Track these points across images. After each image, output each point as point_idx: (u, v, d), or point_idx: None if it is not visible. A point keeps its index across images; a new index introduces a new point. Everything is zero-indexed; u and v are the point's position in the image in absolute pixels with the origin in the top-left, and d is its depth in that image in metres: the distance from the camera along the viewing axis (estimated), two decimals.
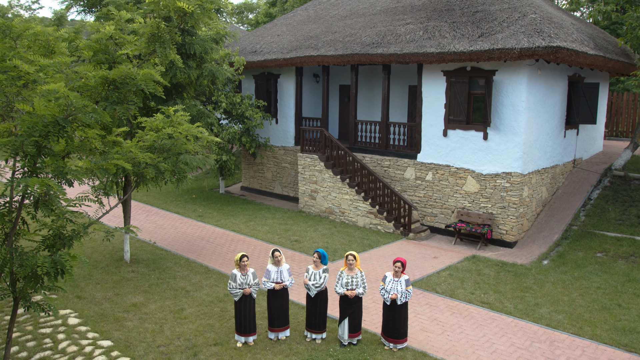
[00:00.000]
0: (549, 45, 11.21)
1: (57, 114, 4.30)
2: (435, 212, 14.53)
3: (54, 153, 4.51)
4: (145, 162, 5.83)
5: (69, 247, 4.95)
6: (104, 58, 6.96)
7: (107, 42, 6.89)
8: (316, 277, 7.87)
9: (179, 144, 6.31)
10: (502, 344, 7.97)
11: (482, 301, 9.65)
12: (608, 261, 11.53)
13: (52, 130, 4.27)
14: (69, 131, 4.52)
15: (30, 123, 4.25)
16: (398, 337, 7.67)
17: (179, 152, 6.53)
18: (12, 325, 5.78)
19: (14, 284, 5.20)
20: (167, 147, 6.21)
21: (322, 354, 7.62)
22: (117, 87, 5.21)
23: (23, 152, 4.33)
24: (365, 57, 14.55)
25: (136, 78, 5.32)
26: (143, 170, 5.96)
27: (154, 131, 6.16)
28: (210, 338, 8.15)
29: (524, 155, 12.80)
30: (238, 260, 7.76)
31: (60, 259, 4.63)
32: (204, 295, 9.92)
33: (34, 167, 4.59)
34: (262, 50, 18.09)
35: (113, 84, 5.22)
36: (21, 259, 4.56)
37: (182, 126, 6.19)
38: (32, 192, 3.97)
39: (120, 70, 5.22)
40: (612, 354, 7.68)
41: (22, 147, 4.23)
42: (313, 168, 16.19)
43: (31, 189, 3.92)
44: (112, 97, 5.17)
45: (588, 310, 9.24)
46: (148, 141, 6.00)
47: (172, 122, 6.18)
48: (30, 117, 4.26)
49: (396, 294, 7.54)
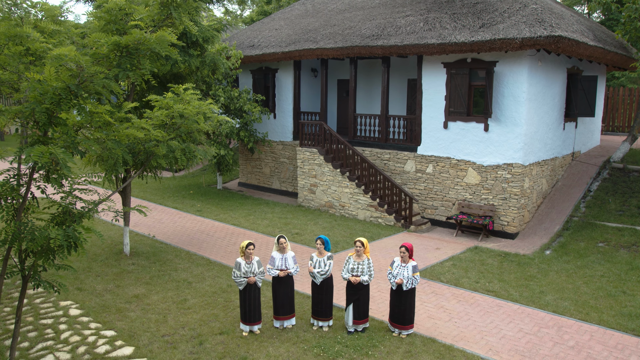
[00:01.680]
0: (551, 35, 11.21)
1: (68, 81, 4.18)
2: (436, 205, 14.49)
3: (65, 123, 4.39)
4: (156, 139, 5.70)
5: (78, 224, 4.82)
6: (114, 28, 6.75)
7: (118, 12, 6.68)
8: (321, 264, 7.78)
9: (190, 123, 6.19)
10: (510, 330, 7.92)
11: (487, 289, 9.61)
12: (610, 251, 11.54)
13: (64, 97, 4.15)
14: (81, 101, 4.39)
15: (41, 90, 4.11)
16: (404, 322, 7.59)
17: (190, 131, 6.41)
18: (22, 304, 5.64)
19: (23, 262, 5.06)
20: (177, 125, 6.08)
21: (330, 341, 7.53)
22: (130, 53, 5.08)
23: (34, 121, 4.20)
24: (365, 49, 14.50)
25: (150, 41, 5.18)
26: (154, 148, 5.83)
27: (164, 109, 6.04)
28: (216, 327, 8.03)
29: (525, 147, 12.79)
30: (244, 247, 7.65)
31: (74, 231, 4.50)
32: (207, 287, 9.80)
33: (44, 136, 4.46)
34: (260, 44, 17.99)
35: (126, 49, 5.10)
36: (32, 233, 4.42)
37: (193, 103, 6.06)
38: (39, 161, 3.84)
39: (133, 36, 5.09)
40: (621, 338, 7.66)
41: (32, 115, 4.10)
42: (312, 162, 16.11)
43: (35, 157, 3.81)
44: (124, 63, 5.05)
45: (593, 297, 9.23)
46: (158, 119, 5.88)
47: (183, 100, 6.05)
48: (40, 85, 4.13)
49: (402, 279, 7.48)
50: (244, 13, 46.61)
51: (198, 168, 24.11)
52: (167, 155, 6.19)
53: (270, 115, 18.78)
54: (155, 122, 5.83)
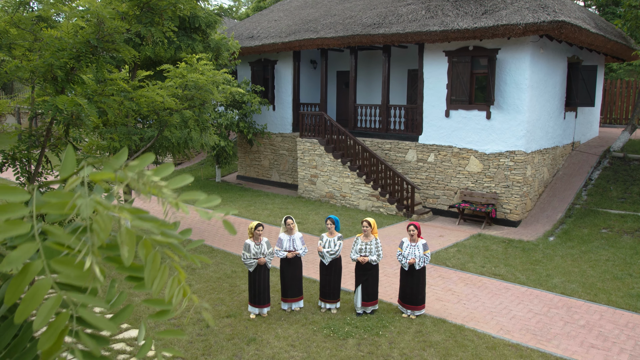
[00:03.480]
0: (554, 20, 11.20)
1: (88, 36, 4.05)
2: (438, 194, 14.45)
3: (83, 81, 4.26)
4: (170, 108, 5.58)
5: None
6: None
7: None
8: (331, 244, 7.69)
9: (204, 92, 6.07)
10: (520, 311, 7.88)
11: (493, 273, 9.57)
12: (614, 236, 11.54)
13: (83, 52, 4.02)
14: (101, 59, 4.26)
15: (59, 46, 3.99)
16: (416, 303, 7.52)
17: (204, 101, 6.28)
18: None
19: None
20: (190, 95, 5.96)
21: (339, 322, 7.45)
22: (150, 9, 4.94)
23: (52, 77, 4.06)
24: (367, 38, 14.43)
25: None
26: (167, 117, 5.71)
27: (178, 78, 5.91)
28: (222, 311, 7.92)
29: (527, 134, 12.77)
30: (253, 228, 7.54)
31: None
32: (211, 273, 9.68)
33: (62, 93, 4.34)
34: (259, 36, 17.87)
35: (147, 4, 4.96)
36: None
37: (207, 73, 5.93)
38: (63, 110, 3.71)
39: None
40: (631, 318, 7.63)
41: (50, 71, 3.97)
42: (313, 152, 16.02)
43: (60, 105, 3.67)
44: (145, 19, 4.91)
45: (600, 280, 9.21)
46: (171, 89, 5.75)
47: (196, 70, 5.93)
48: (59, 41, 4.01)
49: (414, 258, 7.40)
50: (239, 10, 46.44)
51: (196, 162, 23.96)
52: (180, 126, 6.07)
53: (269, 107, 18.67)
54: (168, 93, 5.71)
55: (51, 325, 0.95)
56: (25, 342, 1.19)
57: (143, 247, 1.05)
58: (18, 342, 1.17)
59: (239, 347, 6.75)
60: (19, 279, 0.94)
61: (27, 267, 0.95)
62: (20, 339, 1.18)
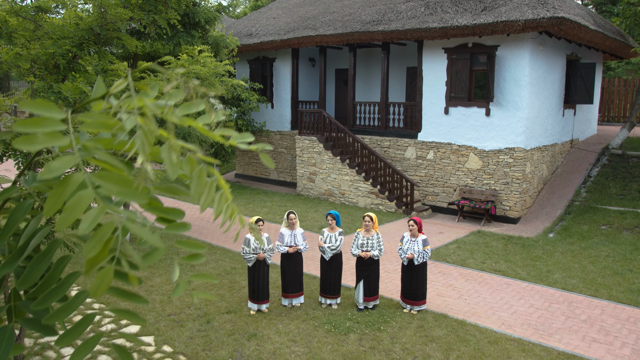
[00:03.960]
0: (554, 16, 11.19)
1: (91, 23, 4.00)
2: (437, 191, 14.43)
3: (86, 69, 4.21)
4: None
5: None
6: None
7: None
8: (332, 239, 7.65)
9: (206, 84, 6.01)
10: (521, 306, 7.86)
11: (494, 269, 9.55)
12: (613, 232, 11.54)
13: (86, 39, 3.96)
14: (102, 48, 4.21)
15: (61, 33, 3.93)
16: (416, 298, 7.49)
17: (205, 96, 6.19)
18: None
19: None
20: None
21: (340, 317, 7.41)
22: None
23: (54, 65, 4.01)
24: (366, 35, 14.40)
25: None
26: None
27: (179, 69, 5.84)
28: (222, 307, 7.88)
29: (526, 131, 12.77)
30: (253, 223, 7.47)
31: None
32: (211, 269, 9.63)
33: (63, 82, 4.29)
34: (257, 33, 17.83)
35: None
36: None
37: (209, 65, 5.89)
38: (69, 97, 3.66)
39: None
40: (632, 312, 7.62)
41: (52, 58, 3.91)
42: (312, 150, 15.98)
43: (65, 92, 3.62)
44: (148, 6, 4.85)
45: (601, 275, 9.20)
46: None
47: (198, 62, 5.88)
48: (61, 29, 3.95)
49: (413, 253, 7.37)
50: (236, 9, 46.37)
51: None
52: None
53: (267, 104, 18.62)
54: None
55: (96, 234, 0.94)
56: (58, 275, 1.18)
57: (188, 163, 1.05)
58: (51, 275, 1.16)
59: (239, 342, 6.71)
60: (60, 190, 0.92)
61: (68, 177, 0.94)
62: (53, 273, 1.17)
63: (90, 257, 0.96)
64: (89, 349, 1.15)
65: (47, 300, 1.14)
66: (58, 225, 0.89)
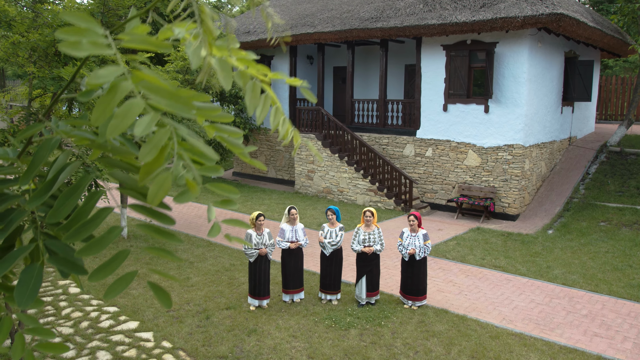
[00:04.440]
0: (553, 12, 11.18)
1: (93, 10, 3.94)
2: (436, 189, 14.41)
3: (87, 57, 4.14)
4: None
5: None
6: None
7: None
8: (332, 234, 7.61)
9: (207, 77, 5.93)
10: (522, 301, 7.83)
11: (494, 265, 9.53)
12: (612, 229, 11.54)
13: None
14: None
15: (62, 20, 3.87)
16: (417, 293, 7.46)
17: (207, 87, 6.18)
18: None
19: None
20: (192, 80, 5.86)
21: (341, 313, 7.37)
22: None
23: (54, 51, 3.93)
24: (364, 32, 14.36)
25: None
26: None
27: (179, 61, 5.80)
28: (222, 303, 7.83)
29: (525, 127, 12.76)
30: (254, 219, 7.44)
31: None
32: (209, 266, 9.58)
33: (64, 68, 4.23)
34: (255, 31, 17.77)
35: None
36: None
37: None
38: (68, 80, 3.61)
39: None
40: (633, 307, 7.61)
41: (53, 46, 3.84)
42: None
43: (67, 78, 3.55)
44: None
45: (600, 271, 9.19)
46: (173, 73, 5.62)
47: None
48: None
49: (414, 248, 7.34)
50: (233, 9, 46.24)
51: None
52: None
53: None
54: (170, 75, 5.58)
55: (152, 138, 0.92)
56: (89, 210, 1.15)
57: (240, 77, 1.08)
58: (82, 210, 1.13)
59: (239, 338, 6.66)
60: (108, 98, 0.91)
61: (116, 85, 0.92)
62: (84, 207, 1.15)
63: (147, 162, 0.95)
64: (124, 286, 1.12)
65: (78, 234, 1.12)
66: (109, 132, 0.88)
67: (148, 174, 0.96)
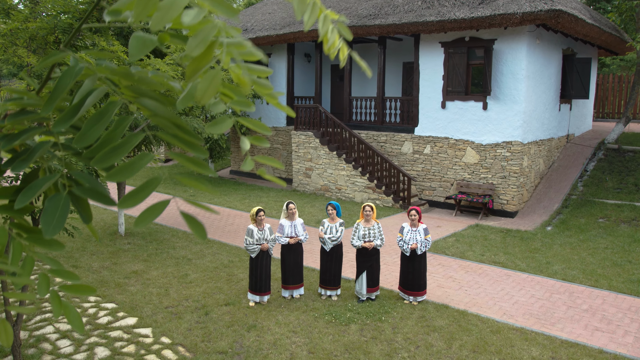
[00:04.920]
0: (552, 9, 11.18)
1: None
2: (434, 186, 14.39)
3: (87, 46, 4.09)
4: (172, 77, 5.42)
5: None
6: None
7: None
8: (332, 230, 7.56)
9: None
10: (522, 296, 7.81)
11: (493, 261, 9.51)
12: (611, 225, 11.55)
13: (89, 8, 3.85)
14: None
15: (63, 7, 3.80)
16: (418, 289, 7.42)
17: None
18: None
19: None
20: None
21: (341, 308, 7.33)
22: None
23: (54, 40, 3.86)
24: (362, 29, 14.33)
25: None
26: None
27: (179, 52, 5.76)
28: (220, 299, 7.77)
29: (524, 124, 12.75)
30: (254, 214, 7.39)
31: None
32: (208, 262, 9.52)
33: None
34: (253, 28, 17.71)
35: None
36: None
37: None
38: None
39: None
40: (633, 302, 7.60)
41: (53, 32, 3.77)
42: (308, 145, 15.89)
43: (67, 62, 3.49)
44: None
45: (600, 266, 9.18)
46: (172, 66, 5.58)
47: None
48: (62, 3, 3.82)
49: (416, 243, 7.30)
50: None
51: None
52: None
53: (263, 100, 18.50)
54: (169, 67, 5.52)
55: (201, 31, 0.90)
56: (119, 134, 1.11)
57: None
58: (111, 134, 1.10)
59: (239, 333, 6.60)
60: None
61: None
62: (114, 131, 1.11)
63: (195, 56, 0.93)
64: (155, 215, 1.07)
65: (108, 159, 1.08)
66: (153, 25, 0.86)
67: (196, 71, 0.93)
